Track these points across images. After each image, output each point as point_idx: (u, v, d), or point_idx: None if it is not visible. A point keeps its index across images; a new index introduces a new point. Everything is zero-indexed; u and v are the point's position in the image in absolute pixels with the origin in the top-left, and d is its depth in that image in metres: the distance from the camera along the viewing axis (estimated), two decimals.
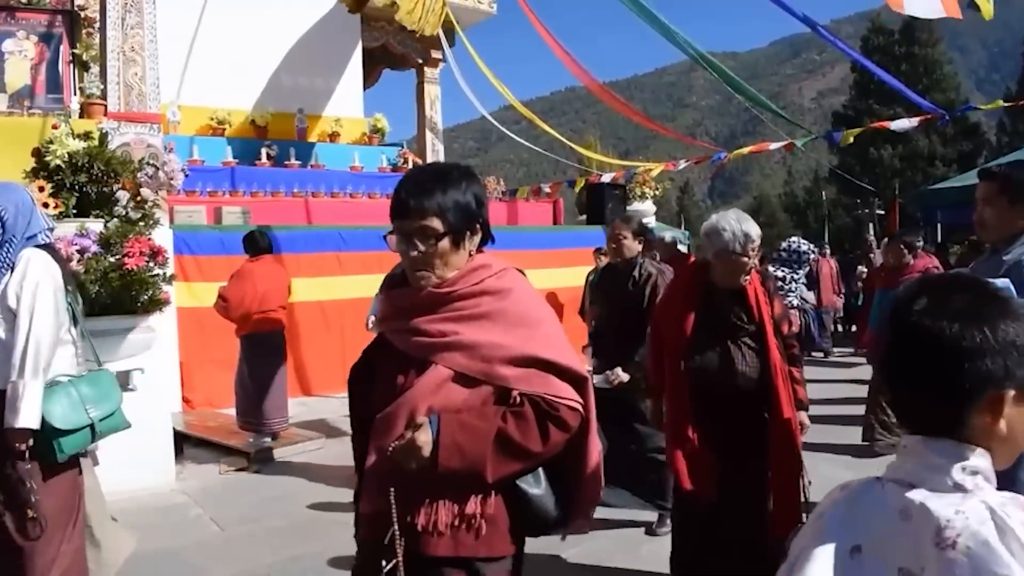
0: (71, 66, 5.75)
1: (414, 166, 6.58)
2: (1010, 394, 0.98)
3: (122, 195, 4.79)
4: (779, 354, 2.99)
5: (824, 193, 28.36)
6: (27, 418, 2.43)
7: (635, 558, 3.85)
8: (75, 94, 5.69)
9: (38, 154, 4.62)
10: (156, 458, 5.12)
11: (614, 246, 4.29)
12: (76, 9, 5.82)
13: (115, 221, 4.68)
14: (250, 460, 5.75)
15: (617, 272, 4.31)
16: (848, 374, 9.25)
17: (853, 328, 12.77)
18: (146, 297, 4.55)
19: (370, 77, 12.71)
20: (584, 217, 12.61)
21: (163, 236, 5.03)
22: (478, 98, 11.75)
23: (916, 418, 1.04)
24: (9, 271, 2.57)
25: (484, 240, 1.79)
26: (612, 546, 3.98)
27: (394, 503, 1.63)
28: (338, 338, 7.97)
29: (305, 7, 10.78)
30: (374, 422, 1.72)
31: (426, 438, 1.60)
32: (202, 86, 9.84)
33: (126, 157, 4.99)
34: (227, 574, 3.86)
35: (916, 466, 1.01)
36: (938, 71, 31.18)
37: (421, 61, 12.27)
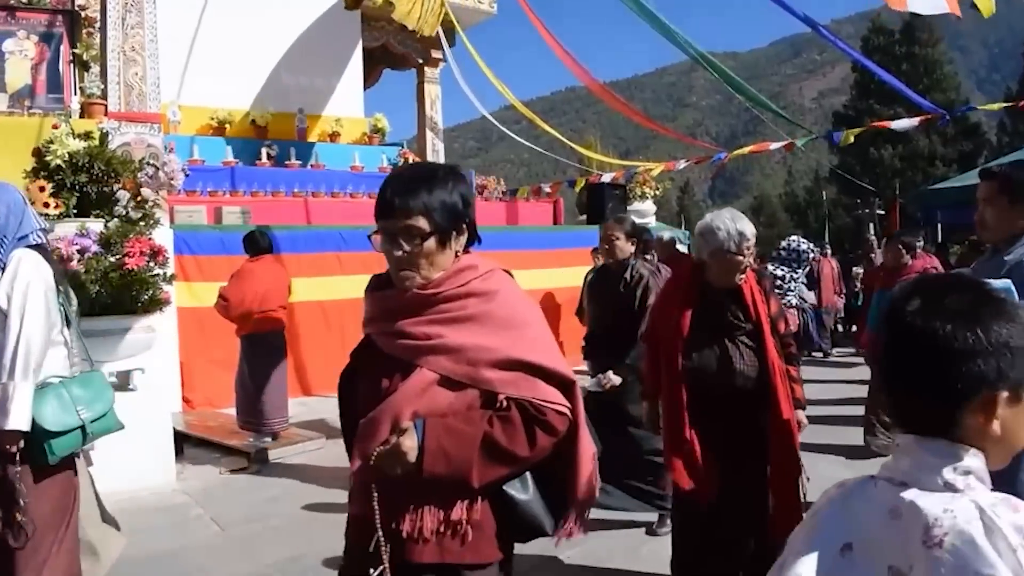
0: (71, 66, 5.76)
1: (401, 165, 6.56)
2: (1003, 395, 0.98)
3: (122, 195, 4.80)
4: (777, 352, 2.98)
5: (824, 193, 28.39)
6: (17, 420, 2.40)
7: (635, 558, 3.84)
8: (75, 94, 5.70)
9: (38, 154, 4.62)
10: (156, 458, 5.12)
11: (607, 247, 4.24)
12: (76, 9, 5.83)
13: (115, 221, 4.68)
14: (250, 460, 5.75)
15: (610, 273, 4.28)
16: (847, 374, 9.25)
17: (853, 328, 12.76)
18: (146, 297, 4.56)
19: (370, 77, 12.71)
20: (584, 217, 12.62)
21: (163, 236, 5.04)
22: (478, 98, 11.73)
23: (911, 418, 1.04)
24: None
25: (471, 240, 1.76)
26: (612, 546, 3.97)
27: (378, 509, 1.60)
28: (338, 338, 7.96)
29: (305, 7, 10.79)
30: (358, 426, 1.69)
31: (411, 443, 1.57)
32: (202, 86, 9.85)
33: (126, 157, 4.99)
34: (227, 574, 3.87)
35: (909, 465, 1.01)
36: (938, 71, 31.19)
37: (421, 61, 12.27)
